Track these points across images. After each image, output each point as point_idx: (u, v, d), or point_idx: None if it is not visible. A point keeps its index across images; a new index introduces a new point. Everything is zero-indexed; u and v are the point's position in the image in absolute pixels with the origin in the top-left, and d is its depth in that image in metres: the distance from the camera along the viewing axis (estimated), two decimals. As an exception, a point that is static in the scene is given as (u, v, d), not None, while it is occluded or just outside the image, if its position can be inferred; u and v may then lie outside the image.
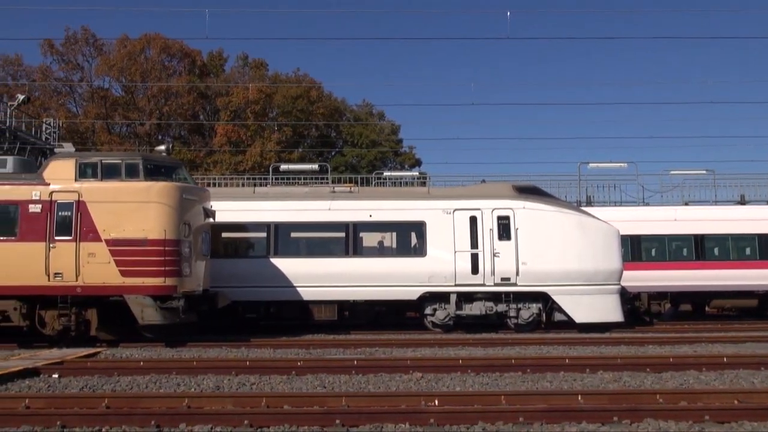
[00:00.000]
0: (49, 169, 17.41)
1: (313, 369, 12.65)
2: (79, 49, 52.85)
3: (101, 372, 12.54)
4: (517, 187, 22.06)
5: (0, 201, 17.26)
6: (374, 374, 12.33)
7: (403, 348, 16.79)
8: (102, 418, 8.35)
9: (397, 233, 21.97)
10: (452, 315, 20.77)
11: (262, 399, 9.45)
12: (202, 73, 54.30)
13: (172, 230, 16.95)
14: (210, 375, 12.24)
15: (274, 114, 53.66)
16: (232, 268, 20.50)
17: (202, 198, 18.61)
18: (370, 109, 59.41)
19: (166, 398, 9.71)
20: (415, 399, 9.59)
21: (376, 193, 23.36)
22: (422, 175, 30.70)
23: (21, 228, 16.89)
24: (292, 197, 22.03)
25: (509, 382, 11.73)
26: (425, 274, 20.63)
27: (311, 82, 55.06)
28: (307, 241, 22.19)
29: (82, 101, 54.53)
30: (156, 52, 51.78)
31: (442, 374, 12.32)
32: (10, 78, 52.38)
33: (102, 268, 16.65)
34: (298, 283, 20.69)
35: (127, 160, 17.49)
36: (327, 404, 9.34)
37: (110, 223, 16.77)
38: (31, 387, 11.36)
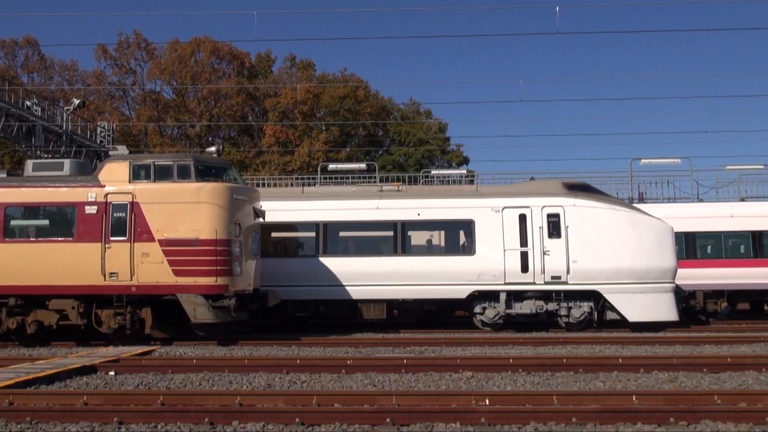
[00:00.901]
0: (104, 171, 17.81)
1: (362, 368, 12.67)
2: (132, 53, 54.12)
3: (156, 370, 12.78)
4: (567, 184, 21.77)
5: (58, 203, 17.76)
6: (424, 373, 12.30)
7: (453, 347, 16.73)
8: (157, 415, 8.50)
9: (445, 232, 21.89)
10: (502, 314, 20.60)
11: (313, 397, 9.50)
12: (250, 75, 54.98)
13: (223, 230, 17.18)
14: (261, 373, 12.37)
15: (321, 114, 54.03)
16: (281, 267, 20.70)
17: (252, 198, 18.82)
18: (417, 107, 59.38)
19: (218, 396, 9.85)
20: (466, 398, 9.52)
21: (424, 192, 23.31)
22: (470, 173, 30.51)
23: (78, 229, 17.32)
24: (340, 196, 22.13)
25: (561, 382, 11.58)
26: (474, 273, 20.51)
27: (358, 82, 55.28)
28: (355, 240, 22.26)
29: (135, 104, 55.80)
30: (205, 54, 52.65)
31: (492, 373, 12.23)
32: (66, 83, 53.88)
33: (155, 267, 16.97)
34: (346, 282, 20.77)
35: (179, 162, 17.78)
36: (377, 403, 9.34)
37: (163, 224, 17.08)
38: (88, 384, 11.64)
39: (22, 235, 17.88)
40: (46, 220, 18.21)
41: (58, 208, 17.88)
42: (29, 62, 55.37)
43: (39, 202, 17.92)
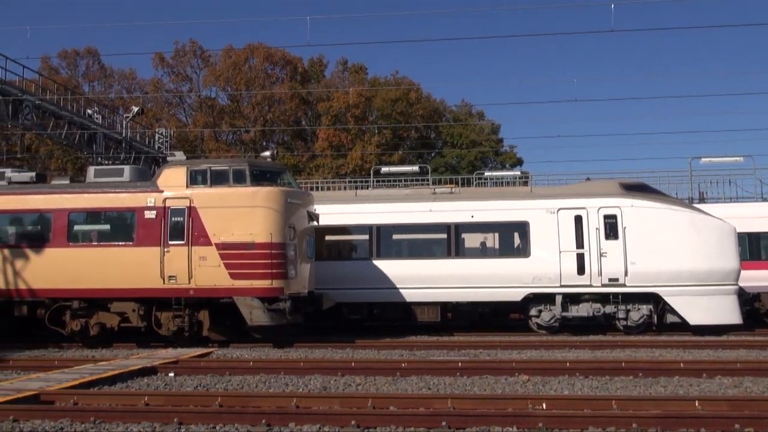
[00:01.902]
0: (162, 177, 18.20)
1: (417, 370, 12.65)
2: (188, 61, 55.22)
3: (214, 371, 12.98)
4: (624, 184, 21.36)
5: (118, 208, 18.22)
6: (479, 376, 12.21)
7: (508, 350, 16.57)
8: (216, 416, 8.63)
9: (499, 234, 21.72)
10: (558, 316, 20.31)
11: (369, 400, 9.52)
12: (303, 80, 55.51)
13: (278, 233, 17.36)
14: (317, 375, 12.45)
15: (374, 117, 54.20)
16: (335, 270, 20.81)
17: (306, 202, 18.97)
18: (469, 109, 59.06)
19: (275, 398, 9.94)
20: (522, 402, 9.41)
21: (478, 194, 23.16)
22: (524, 175, 30.17)
23: (138, 233, 17.72)
24: (393, 199, 22.15)
25: (620, 387, 11.34)
26: (529, 275, 20.28)
27: (410, 84, 55.26)
28: (408, 242, 22.25)
29: (191, 111, 56.93)
30: (259, 60, 53.37)
31: (549, 377, 12.06)
32: (125, 91, 55.28)
33: (212, 271, 17.24)
34: (400, 285, 20.77)
35: (235, 167, 18.04)
36: (433, 406, 9.30)
37: (219, 228, 17.34)
38: (149, 385, 11.88)
39: (84, 239, 18.40)
40: (108, 225, 18.68)
41: (119, 213, 18.32)
42: (90, 72, 57.09)
43: (100, 207, 18.40)
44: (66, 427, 8.25)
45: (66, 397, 10.06)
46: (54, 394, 10.27)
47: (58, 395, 10.21)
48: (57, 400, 9.99)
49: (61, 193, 18.49)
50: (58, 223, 18.14)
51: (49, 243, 18.09)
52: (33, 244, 18.26)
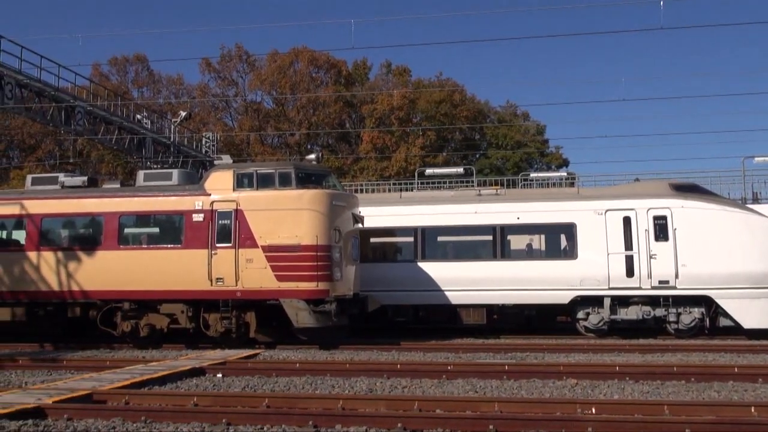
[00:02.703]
0: (209, 180, 18.44)
1: (463, 373, 12.57)
2: (234, 65, 56.00)
3: (261, 372, 13.09)
4: (674, 185, 20.93)
5: (167, 211, 18.52)
6: (526, 379, 12.08)
7: (556, 353, 16.36)
8: (263, 417, 8.69)
9: (545, 235, 21.48)
10: (606, 319, 19.98)
11: (415, 402, 9.48)
12: (347, 83, 55.77)
13: (324, 236, 17.44)
14: (363, 377, 12.46)
15: (418, 119, 54.17)
16: (380, 272, 20.82)
17: (351, 204, 19.03)
18: (514, 109, 58.62)
19: (321, 399, 9.99)
20: (571, 406, 9.27)
21: (523, 195, 22.92)
22: (570, 176, 29.81)
23: (186, 236, 17.99)
24: (438, 201, 22.08)
25: (672, 391, 11.10)
26: (576, 277, 20.00)
27: (454, 86, 55.10)
28: (454, 244, 22.15)
29: (237, 115, 57.66)
30: (304, 64, 53.80)
31: (597, 381, 11.87)
32: (173, 96, 56.30)
33: (259, 273, 17.40)
34: (445, 287, 20.68)
35: (280, 170, 18.19)
36: (479, 409, 9.23)
37: (266, 230, 17.49)
38: (198, 386, 12.03)
39: (134, 242, 18.76)
40: (157, 228, 19.03)
41: (167, 216, 18.63)
42: (139, 78, 58.31)
43: (150, 210, 18.74)
44: (118, 426, 8.40)
45: (118, 396, 10.25)
46: (106, 393, 10.47)
47: (110, 395, 10.40)
48: (109, 400, 10.18)
49: (112, 197, 18.89)
50: (109, 226, 18.53)
51: (100, 246, 18.48)
52: (85, 246, 18.68)
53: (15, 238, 19.57)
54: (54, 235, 19.32)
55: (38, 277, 18.63)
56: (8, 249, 19.28)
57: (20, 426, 8.20)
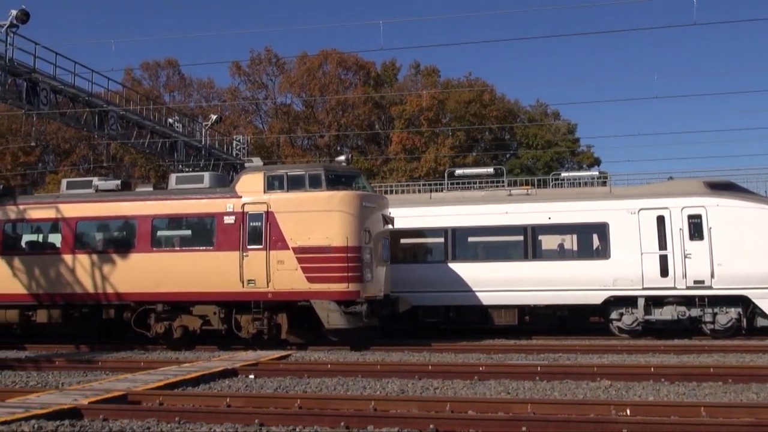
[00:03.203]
0: (240, 183, 18.57)
1: (495, 374, 12.49)
2: (263, 69, 56.35)
3: (292, 374, 13.15)
4: (709, 183, 20.61)
5: (199, 214, 18.70)
6: (559, 381, 11.97)
7: (589, 354, 16.20)
8: (296, 418, 8.72)
9: (577, 235, 21.28)
10: (640, 320, 19.72)
11: (447, 403, 9.45)
12: (376, 84, 55.82)
13: (354, 237, 17.47)
14: (394, 378, 12.44)
15: (447, 119, 54.03)
16: (411, 273, 20.80)
17: (381, 205, 19.03)
18: (544, 109, 58.21)
19: (353, 400, 9.99)
20: (605, 407, 9.16)
21: (555, 195, 22.74)
22: (602, 175, 29.46)
23: (217, 238, 18.14)
24: (468, 202, 22.00)
25: (709, 393, 10.91)
26: (609, 278, 19.78)
27: (483, 86, 54.87)
28: (484, 245, 22.05)
29: (267, 117, 58.04)
30: (333, 66, 53.96)
31: (632, 382, 11.72)
32: (204, 100, 56.83)
33: (290, 274, 17.47)
34: (476, 288, 20.59)
35: (310, 172, 18.26)
36: (512, 410, 9.16)
37: (296, 232, 17.57)
38: (230, 386, 12.12)
39: (167, 244, 18.98)
40: (189, 230, 19.23)
41: (199, 218, 18.81)
42: (170, 82, 58.97)
43: (182, 213, 18.95)
44: (152, 427, 8.49)
45: (152, 397, 10.37)
46: (141, 394, 10.60)
47: (144, 395, 10.52)
48: (143, 400, 10.30)
49: (144, 200, 19.12)
50: (142, 228, 18.75)
51: (134, 248, 18.72)
52: (119, 249, 18.92)
53: (51, 241, 19.90)
54: (89, 238, 19.61)
55: (74, 279, 18.93)
56: (45, 252, 19.62)
57: (57, 426, 8.33)
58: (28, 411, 8.92)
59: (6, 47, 21.83)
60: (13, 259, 19.42)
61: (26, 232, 20.34)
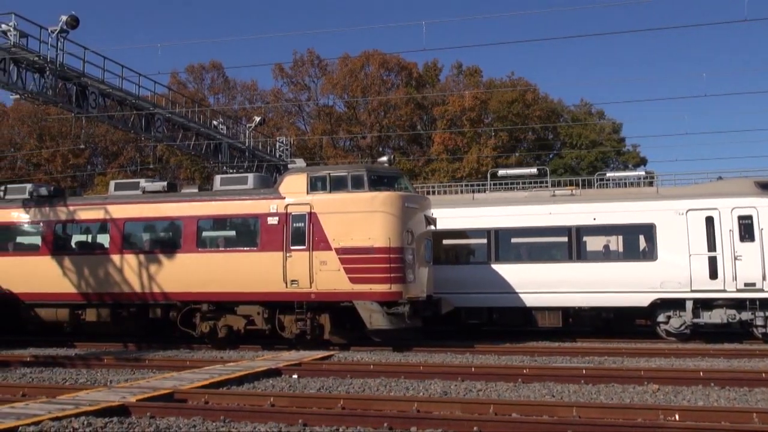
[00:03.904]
0: (284, 184, 18.72)
1: (539, 377, 12.36)
2: (306, 70, 56.73)
3: (335, 374, 13.18)
4: (760, 183, 20.09)
5: (243, 214, 18.90)
6: (605, 384, 11.78)
7: (635, 357, 15.94)
8: (339, 418, 8.73)
9: (623, 236, 20.96)
10: (688, 323, 19.33)
11: (490, 406, 9.37)
12: (418, 85, 55.73)
13: (396, 238, 17.46)
14: (437, 380, 12.40)
15: (489, 120, 53.67)
16: (453, 274, 20.73)
17: (423, 206, 18.99)
18: (588, 108, 57.40)
19: (396, 401, 9.97)
20: (653, 412, 8.98)
21: (600, 195, 22.41)
22: (649, 174, 28.90)
23: (261, 239, 18.31)
24: (511, 202, 21.83)
25: (761, 399, 10.63)
26: (656, 280, 19.43)
27: (526, 85, 54.37)
28: (527, 246, 21.85)
29: (310, 119, 58.43)
30: (375, 67, 54.05)
31: (680, 387, 11.49)
32: (248, 102, 57.42)
33: (333, 275, 17.54)
34: (520, 289, 20.42)
35: (353, 173, 18.31)
36: (557, 414, 9.04)
37: (339, 233, 17.64)
38: (274, 386, 12.20)
39: (212, 245, 19.21)
40: (233, 231, 19.44)
41: (243, 219, 19.01)
42: (215, 84, 59.75)
43: (227, 214, 19.17)
44: (198, 425, 8.59)
45: (197, 396, 10.49)
46: (186, 392, 10.73)
47: (190, 394, 10.66)
48: (189, 399, 10.43)
49: (190, 201, 19.39)
50: (188, 229, 19.03)
51: (179, 249, 19.00)
52: (165, 249, 19.23)
53: (100, 241, 20.32)
54: (136, 239, 19.97)
55: (122, 279, 19.30)
56: (94, 252, 20.03)
57: (106, 423, 8.48)
58: (78, 408, 9.10)
59: (57, 52, 22.34)
60: (64, 259, 19.88)
61: (76, 232, 20.80)
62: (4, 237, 20.99)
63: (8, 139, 55.76)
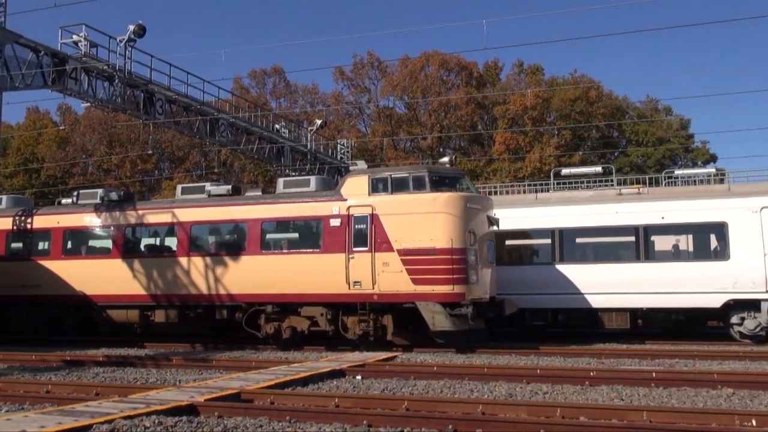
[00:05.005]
0: (345, 186, 18.82)
1: (607, 380, 12.07)
2: (366, 72, 57.05)
3: (399, 375, 13.16)
4: (839, 178, 19.24)
5: (306, 217, 19.07)
6: (676, 388, 11.43)
7: (707, 360, 15.44)
8: (404, 420, 8.69)
9: (693, 235, 20.39)
10: (764, 325, 18.63)
11: (557, 409, 9.19)
12: (478, 84, 55.41)
13: (459, 239, 17.35)
14: (501, 382, 12.24)
15: (552, 118, 52.95)
16: (517, 274, 20.49)
17: (486, 206, 18.83)
18: (655, 104, 56.07)
19: (461, 403, 9.87)
20: (728, 417, 8.66)
21: (668, 193, 21.83)
22: (719, 172, 28.03)
23: (324, 241, 18.45)
24: (575, 202, 21.45)
25: None
26: (729, 280, 18.79)
27: (589, 83, 53.41)
28: (593, 246, 21.46)
29: (370, 121, 58.70)
30: (435, 68, 53.97)
31: (757, 391, 11.04)
32: (309, 106, 58.09)
33: (395, 276, 17.54)
34: (585, 290, 20.05)
35: (414, 174, 18.28)
36: (626, 418, 8.80)
37: (401, 234, 17.63)
38: (338, 387, 12.25)
39: (275, 247, 19.45)
40: (296, 233, 19.65)
41: (306, 221, 19.19)
42: (276, 89, 60.63)
43: (290, 216, 19.38)
44: (264, 425, 8.67)
45: (263, 396, 10.61)
46: (253, 393, 10.86)
47: (256, 394, 10.78)
48: (256, 399, 10.55)
49: (254, 204, 19.68)
50: (252, 231, 19.32)
51: (244, 251, 19.30)
52: (230, 252, 19.56)
53: (167, 244, 20.83)
54: (202, 241, 20.39)
55: (189, 281, 19.72)
56: (162, 255, 20.54)
57: (176, 422, 8.64)
58: (148, 407, 9.31)
59: (125, 61, 23.00)
60: (134, 262, 20.43)
61: (145, 235, 21.36)
62: (78, 241, 21.71)
63: (80, 146, 57.81)
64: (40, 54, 21.02)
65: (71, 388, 11.88)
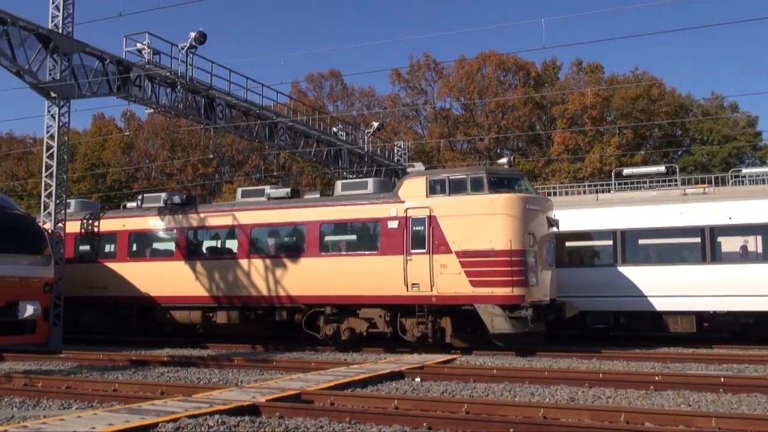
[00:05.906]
0: (403, 188, 18.82)
1: (673, 385, 11.77)
2: (422, 74, 56.97)
3: (458, 378, 13.08)
4: None
5: (364, 219, 19.15)
6: (746, 394, 11.06)
7: (779, 365, 14.89)
8: (463, 423, 8.64)
9: (762, 236, 19.64)
10: (839, 329, 17.88)
11: (621, 414, 8.99)
12: (536, 84, 54.76)
13: (518, 240, 17.17)
14: (563, 386, 12.05)
15: (612, 117, 51.94)
16: (578, 277, 20.16)
17: (545, 208, 18.58)
18: (720, 101, 54.44)
19: (521, 407, 9.74)
20: (803, 425, 8.34)
21: (736, 193, 21.15)
22: (790, 170, 27.10)
23: (382, 243, 18.49)
24: (638, 202, 21.00)
25: None
26: (800, 282, 18.10)
27: (651, 80, 52.18)
28: (657, 247, 20.94)
29: (427, 123, 58.62)
30: (492, 68, 53.55)
31: (833, 398, 10.61)
32: (366, 108, 58.34)
33: (453, 278, 17.45)
34: (648, 293, 19.59)
35: (472, 175, 18.17)
36: (694, 424, 8.55)
37: (459, 236, 17.53)
38: (397, 389, 12.25)
39: (334, 249, 19.59)
40: (354, 235, 19.73)
41: (364, 223, 19.25)
42: (333, 92, 61.13)
43: (348, 218, 19.48)
44: (325, 426, 8.73)
45: (323, 397, 10.69)
46: (313, 394, 10.95)
47: (316, 395, 10.86)
48: (316, 400, 10.63)
49: (313, 207, 19.87)
50: (311, 234, 19.49)
51: (303, 253, 19.49)
52: (290, 254, 19.78)
53: (228, 246, 21.19)
54: (262, 244, 20.67)
55: (249, 283, 20.02)
56: (223, 257, 20.90)
57: (239, 422, 8.77)
58: (212, 406, 9.47)
59: (186, 67, 23.50)
60: (196, 264, 20.85)
61: (206, 238, 21.77)
62: (142, 243, 22.28)
63: (144, 151, 59.35)
64: (106, 62, 21.65)
65: (137, 387, 12.19)
